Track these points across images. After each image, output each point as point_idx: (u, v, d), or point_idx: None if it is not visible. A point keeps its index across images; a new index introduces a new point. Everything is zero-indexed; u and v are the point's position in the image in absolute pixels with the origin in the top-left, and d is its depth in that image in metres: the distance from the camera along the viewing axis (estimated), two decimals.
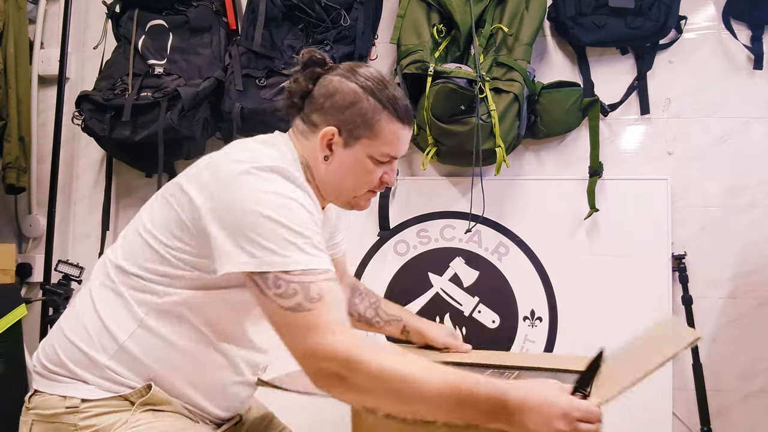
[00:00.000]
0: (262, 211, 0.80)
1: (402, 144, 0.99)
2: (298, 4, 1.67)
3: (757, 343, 1.62)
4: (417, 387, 0.74)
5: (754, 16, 1.70)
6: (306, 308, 0.77)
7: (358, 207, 1.02)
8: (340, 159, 0.95)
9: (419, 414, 0.76)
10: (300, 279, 0.78)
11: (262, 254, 0.78)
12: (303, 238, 0.80)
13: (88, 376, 0.87)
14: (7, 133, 1.85)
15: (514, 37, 1.64)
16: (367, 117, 0.94)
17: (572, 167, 1.75)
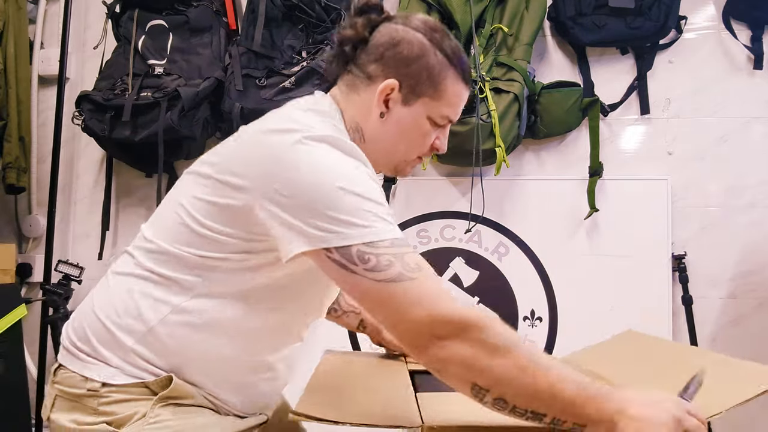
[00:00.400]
0: (329, 183, 0.73)
1: (461, 106, 0.91)
2: (298, 4, 1.67)
3: (757, 342, 1.62)
4: (544, 370, 0.68)
5: (754, 16, 1.70)
6: (409, 277, 0.70)
7: (403, 173, 0.95)
8: (398, 117, 0.87)
9: (533, 400, 0.69)
10: (389, 250, 0.71)
11: (340, 228, 0.71)
12: (382, 207, 0.74)
13: (112, 357, 0.82)
14: (7, 133, 1.85)
15: (514, 37, 1.64)
16: (433, 73, 0.86)
17: (572, 167, 1.75)
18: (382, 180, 0.83)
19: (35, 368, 1.80)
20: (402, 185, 1.80)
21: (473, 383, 0.70)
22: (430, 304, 0.70)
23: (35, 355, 1.83)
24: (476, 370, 0.70)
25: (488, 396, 0.70)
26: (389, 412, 0.85)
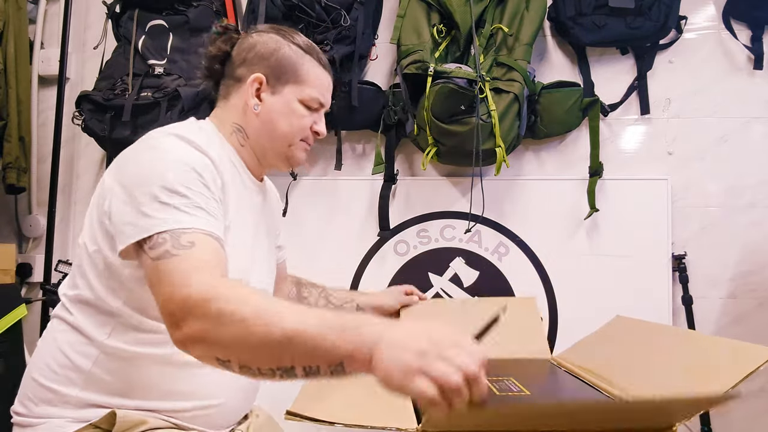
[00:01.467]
0: (140, 180, 0.79)
1: (326, 90, 1.00)
2: (298, 4, 1.67)
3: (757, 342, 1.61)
4: (277, 320, 0.64)
5: (754, 16, 1.70)
6: (172, 254, 0.73)
7: (294, 160, 1.01)
8: (270, 106, 0.96)
9: (272, 356, 0.64)
10: (173, 231, 0.75)
11: (142, 222, 0.76)
12: (181, 198, 0.78)
13: (60, 412, 0.86)
14: (7, 133, 1.85)
15: (514, 37, 1.64)
16: (291, 61, 0.96)
17: (572, 167, 1.75)
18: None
19: None
20: (402, 185, 1.80)
21: (216, 358, 0.68)
22: (175, 282, 0.70)
23: None
24: (211, 345, 0.67)
25: (234, 366, 0.67)
26: (384, 413, 0.85)
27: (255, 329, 0.64)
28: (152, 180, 0.79)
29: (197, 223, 0.77)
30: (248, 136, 0.97)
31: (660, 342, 1.09)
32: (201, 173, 0.82)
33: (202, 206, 0.79)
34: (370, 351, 0.59)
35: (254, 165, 1.01)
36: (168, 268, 0.72)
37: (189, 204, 0.78)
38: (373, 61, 1.84)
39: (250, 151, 0.99)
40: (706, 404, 0.76)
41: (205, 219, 0.78)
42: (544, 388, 1.11)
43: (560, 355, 1.34)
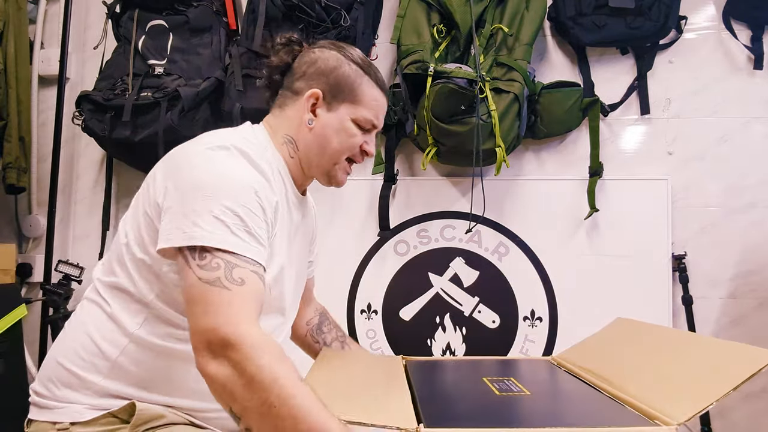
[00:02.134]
0: (197, 190, 0.80)
1: (381, 111, 1.01)
2: (298, 4, 1.67)
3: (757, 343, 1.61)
4: (297, 412, 0.69)
5: (754, 16, 1.70)
6: (224, 285, 0.74)
7: (335, 180, 1.02)
8: (324, 122, 0.97)
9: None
10: (226, 257, 0.76)
11: (190, 230, 0.77)
12: (235, 219, 0.79)
13: (80, 398, 0.87)
14: (7, 133, 1.85)
15: (514, 37, 1.64)
16: (350, 80, 0.97)
17: (572, 167, 1.75)
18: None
19: (35, 368, 1.80)
20: (402, 185, 1.80)
21: (229, 407, 0.73)
22: (221, 317, 0.73)
23: (35, 355, 1.83)
24: (230, 396, 0.72)
25: (241, 424, 0.72)
26: (385, 412, 0.85)
27: (274, 414, 0.69)
28: (210, 193, 0.79)
29: (247, 251, 0.78)
30: (298, 148, 0.98)
31: (661, 344, 1.09)
32: (259, 195, 0.83)
33: (254, 233, 0.80)
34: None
35: (300, 178, 1.02)
36: (218, 299, 0.74)
37: (241, 227, 0.79)
38: (373, 61, 1.84)
39: (298, 164, 1.00)
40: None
41: (255, 248, 0.80)
42: (544, 389, 1.11)
43: (560, 355, 1.34)
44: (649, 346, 1.12)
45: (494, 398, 0.96)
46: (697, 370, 0.90)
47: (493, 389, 1.01)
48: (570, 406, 1.00)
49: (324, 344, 1.24)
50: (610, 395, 0.98)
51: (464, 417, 0.82)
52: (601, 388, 1.02)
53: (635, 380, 0.97)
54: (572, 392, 1.06)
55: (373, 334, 1.78)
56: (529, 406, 0.95)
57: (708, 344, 1.03)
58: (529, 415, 0.93)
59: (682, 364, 0.95)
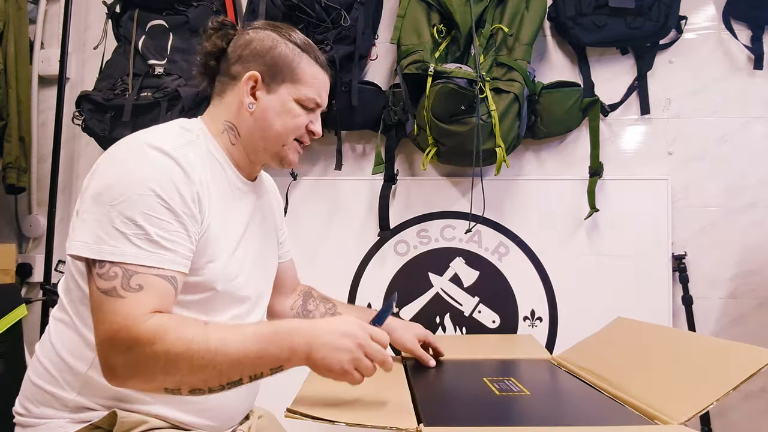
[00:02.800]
0: (102, 197, 0.79)
1: (323, 89, 0.99)
2: (298, 4, 1.67)
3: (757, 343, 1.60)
4: (221, 347, 0.74)
5: (754, 16, 1.70)
6: (119, 294, 0.75)
7: (286, 161, 0.99)
8: (265, 105, 0.94)
9: (222, 377, 0.76)
10: (125, 267, 0.77)
11: (95, 242, 0.77)
12: (136, 229, 0.78)
13: (58, 414, 0.86)
14: (7, 133, 1.85)
15: (515, 37, 1.64)
16: (287, 60, 0.94)
17: (572, 167, 1.75)
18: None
19: None
20: (402, 185, 1.80)
21: (164, 388, 0.77)
22: (115, 325, 0.74)
23: None
24: (158, 381, 0.75)
25: (183, 392, 0.77)
26: (385, 412, 0.85)
27: (203, 362, 0.74)
28: (112, 200, 0.78)
29: (147, 260, 0.78)
30: (240, 134, 0.96)
31: (660, 344, 1.09)
32: (164, 194, 0.81)
33: (156, 238, 0.79)
34: (305, 353, 0.77)
35: (245, 164, 0.98)
36: (114, 308, 0.75)
37: (142, 236, 0.78)
38: (373, 61, 1.84)
39: (241, 150, 0.96)
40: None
41: (157, 255, 0.79)
42: (545, 389, 1.11)
43: (560, 356, 1.34)
44: (649, 346, 1.12)
45: (494, 398, 0.96)
46: (697, 370, 0.90)
47: (493, 389, 1.01)
48: (570, 406, 1.00)
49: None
50: (610, 395, 0.98)
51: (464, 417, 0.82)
52: (601, 388, 1.02)
53: (635, 380, 0.97)
54: (572, 392, 1.06)
55: None
56: (529, 406, 0.95)
57: (708, 344, 1.03)
58: (529, 415, 0.93)
59: (682, 364, 0.95)
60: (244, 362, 0.75)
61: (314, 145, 1.85)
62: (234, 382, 0.77)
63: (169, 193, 0.81)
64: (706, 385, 0.83)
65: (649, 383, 0.93)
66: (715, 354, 0.94)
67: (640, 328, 1.23)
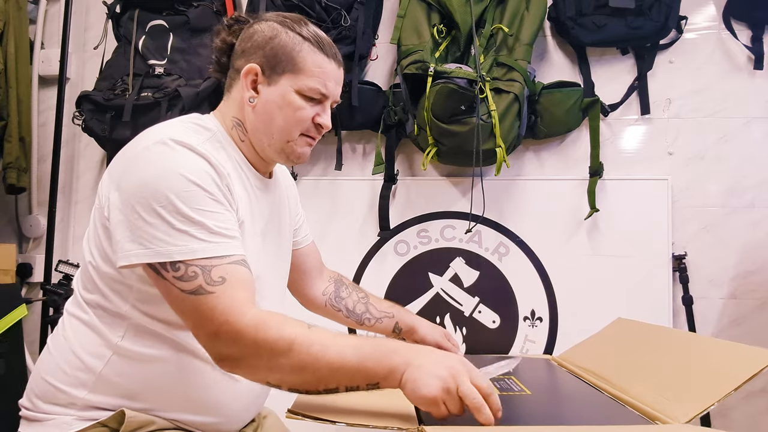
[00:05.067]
0: (143, 195, 0.77)
1: (329, 79, 0.92)
2: (298, 4, 1.67)
3: (757, 343, 1.61)
4: (323, 354, 0.75)
5: (755, 16, 1.70)
6: (207, 291, 0.76)
7: (294, 156, 0.94)
8: (266, 98, 0.91)
9: (321, 382, 0.76)
10: (200, 263, 0.76)
11: (153, 245, 0.76)
12: (195, 226, 0.77)
13: (66, 411, 0.85)
14: (7, 134, 1.85)
15: (515, 38, 1.64)
16: (287, 49, 0.90)
17: (572, 167, 1.75)
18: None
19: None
20: (402, 185, 1.80)
21: (266, 382, 0.79)
22: (216, 321, 0.75)
23: (35, 355, 1.83)
24: (262, 374, 0.78)
25: (284, 388, 0.78)
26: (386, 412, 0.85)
27: (305, 364, 0.75)
28: (158, 200, 0.77)
29: (219, 251, 0.78)
30: (247, 130, 0.93)
31: (661, 344, 1.09)
32: (206, 186, 0.80)
33: (216, 230, 0.79)
34: (401, 373, 0.75)
35: (257, 161, 0.96)
36: (209, 305, 0.76)
37: (203, 231, 0.78)
38: (373, 61, 1.84)
39: (251, 147, 0.94)
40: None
41: (223, 244, 0.79)
42: (545, 388, 1.11)
43: (561, 356, 1.34)
44: (649, 346, 1.12)
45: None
46: (698, 371, 0.90)
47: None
48: (570, 405, 1.00)
49: (346, 310, 1.22)
50: (610, 395, 0.98)
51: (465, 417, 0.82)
52: (602, 388, 1.02)
53: (636, 380, 0.97)
54: (573, 392, 1.06)
55: (373, 334, 1.77)
56: (530, 406, 0.95)
57: (708, 344, 1.03)
58: (529, 414, 0.93)
59: (682, 364, 0.95)
60: (341, 372, 0.75)
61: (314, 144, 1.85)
62: (331, 389, 0.77)
63: (210, 185, 0.81)
64: (707, 385, 0.83)
65: (650, 383, 0.93)
66: (716, 354, 0.94)
67: (640, 329, 1.23)
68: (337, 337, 0.78)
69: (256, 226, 0.94)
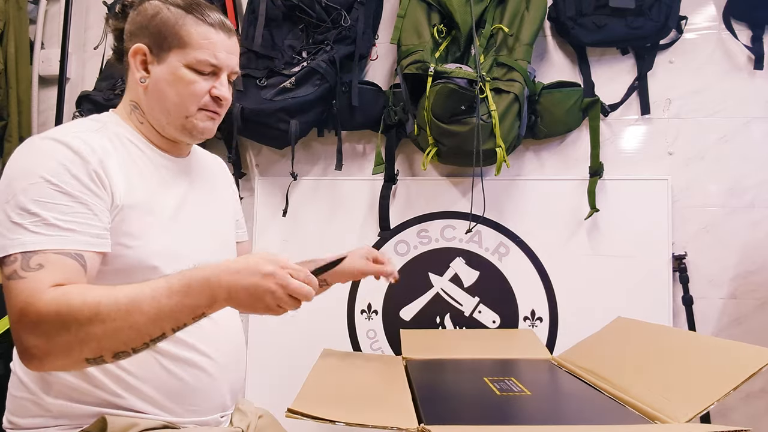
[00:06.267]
0: (2, 196, 0.78)
1: (218, 49, 0.91)
2: (298, 4, 1.67)
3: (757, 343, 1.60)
4: (134, 308, 0.72)
5: (755, 16, 1.70)
6: (19, 276, 0.74)
7: (197, 131, 0.93)
8: (157, 77, 0.90)
9: (144, 335, 0.73)
10: (26, 252, 0.75)
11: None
12: (31, 217, 0.77)
13: (45, 422, 0.85)
14: (7, 134, 1.85)
15: (515, 38, 1.64)
16: (170, 24, 0.89)
17: (573, 167, 1.75)
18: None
19: None
20: (402, 185, 1.80)
21: (85, 359, 0.73)
22: (22, 302, 0.73)
23: None
24: (76, 351, 0.72)
25: (107, 358, 0.74)
26: (386, 412, 0.85)
27: (116, 324, 0.71)
28: (6, 198, 0.78)
29: (47, 244, 0.76)
30: (144, 111, 0.93)
31: (661, 343, 1.09)
32: (53, 179, 0.79)
33: (54, 222, 0.78)
34: (225, 299, 0.74)
35: (161, 141, 0.95)
36: (16, 289, 0.73)
37: (39, 223, 0.77)
38: (373, 61, 1.84)
39: (150, 127, 0.94)
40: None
41: (58, 238, 0.77)
42: (545, 388, 1.11)
43: (561, 356, 1.34)
44: (649, 345, 1.12)
45: (495, 398, 0.96)
46: (698, 370, 0.90)
47: (493, 389, 1.01)
48: (570, 405, 1.01)
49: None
50: (610, 395, 0.98)
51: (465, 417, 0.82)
52: (602, 388, 1.02)
53: (636, 380, 0.97)
54: (572, 392, 1.06)
55: (373, 335, 1.78)
56: (530, 406, 0.95)
57: (708, 344, 1.03)
58: (529, 414, 0.93)
59: (682, 364, 0.95)
60: (161, 317, 0.72)
61: (314, 145, 1.85)
62: (157, 337, 0.74)
63: (61, 176, 0.80)
64: (707, 385, 0.83)
65: (650, 383, 0.93)
66: (716, 354, 0.94)
67: (640, 328, 1.23)
68: (145, 285, 0.74)
69: (167, 203, 0.92)
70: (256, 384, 1.73)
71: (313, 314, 1.75)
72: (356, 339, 1.78)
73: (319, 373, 1.09)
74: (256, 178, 1.87)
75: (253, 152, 1.89)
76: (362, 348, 1.77)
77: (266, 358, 1.75)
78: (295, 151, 1.72)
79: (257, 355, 1.75)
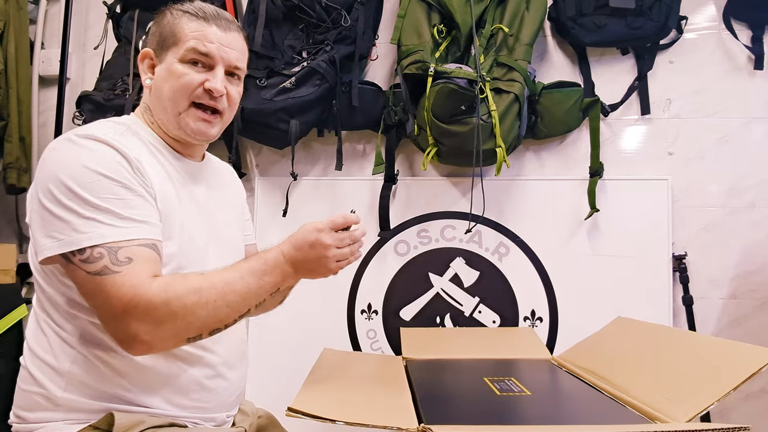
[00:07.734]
0: (60, 193, 0.79)
1: (208, 40, 0.91)
2: (298, 4, 1.67)
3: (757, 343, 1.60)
4: (229, 289, 0.81)
5: (755, 16, 1.70)
6: (113, 270, 0.76)
7: (190, 130, 0.93)
8: (158, 75, 0.94)
9: (235, 312, 0.83)
10: (107, 245, 0.78)
11: (65, 235, 0.78)
12: (104, 213, 0.79)
13: (53, 416, 0.86)
14: (7, 134, 1.85)
15: (515, 38, 1.64)
16: (169, 25, 0.93)
17: (573, 167, 1.75)
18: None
19: None
20: (402, 185, 1.80)
21: (186, 339, 0.82)
22: (128, 294, 0.76)
23: None
24: (183, 333, 0.81)
25: (204, 335, 0.83)
26: (386, 412, 0.85)
27: (217, 304, 0.81)
28: (66, 195, 0.79)
29: (127, 235, 0.79)
30: (152, 113, 0.95)
31: (661, 343, 1.09)
32: (112, 174, 0.81)
33: (125, 215, 0.80)
34: (294, 276, 0.89)
35: (173, 142, 0.97)
36: (115, 283, 0.76)
37: (112, 216, 0.79)
38: (373, 61, 1.84)
39: (159, 129, 0.96)
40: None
41: (132, 228, 0.80)
42: (545, 388, 1.11)
43: (561, 356, 1.34)
44: (649, 345, 1.12)
45: (495, 398, 0.96)
46: (698, 370, 0.90)
47: (493, 389, 1.01)
48: (570, 405, 1.01)
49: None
50: (610, 395, 0.98)
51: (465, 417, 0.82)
52: (601, 388, 1.02)
53: (636, 380, 0.97)
54: (572, 392, 1.06)
55: (373, 335, 1.78)
56: (530, 406, 0.95)
57: (708, 344, 1.03)
58: (529, 414, 0.93)
59: (682, 364, 0.95)
60: (250, 295, 0.83)
61: (314, 145, 1.85)
62: (244, 313, 0.84)
63: (118, 173, 0.82)
64: (707, 385, 0.83)
65: (650, 383, 0.93)
66: (716, 354, 0.94)
67: (640, 328, 1.23)
68: (229, 270, 0.85)
69: (184, 207, 0.94)
70: (256, 384, 1.73)
71: (313, 314, 1.75)
72: (356, 339, 1.78)
73: (319, 372, 1.09)
74: (256, 178, 1.87)
75: (253, 152, 1.89)
76: (362, 348, 1.77)
77: (266, 358, 1.75)
78: (295, 151, 1.72)
79: (257, 355, 1.75)
